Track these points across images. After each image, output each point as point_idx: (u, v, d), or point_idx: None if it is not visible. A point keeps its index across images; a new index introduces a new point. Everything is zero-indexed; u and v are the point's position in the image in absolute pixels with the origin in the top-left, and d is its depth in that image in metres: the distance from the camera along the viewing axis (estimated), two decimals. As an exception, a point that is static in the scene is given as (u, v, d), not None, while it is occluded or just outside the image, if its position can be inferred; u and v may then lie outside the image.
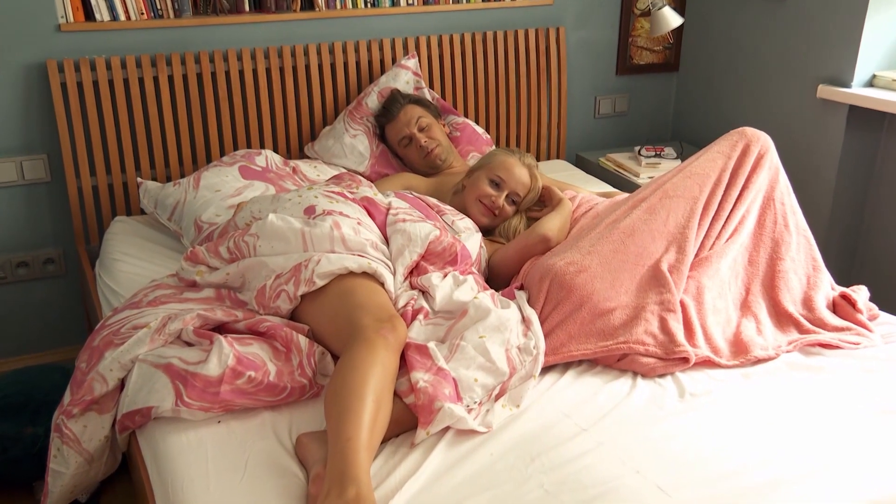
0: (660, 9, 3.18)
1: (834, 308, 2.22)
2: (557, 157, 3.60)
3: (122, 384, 1.86)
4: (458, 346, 1.86)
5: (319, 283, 1.94)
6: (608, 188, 3.17)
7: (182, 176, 2.94)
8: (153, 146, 2.91)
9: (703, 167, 2.27)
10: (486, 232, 2.54)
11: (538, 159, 3.56)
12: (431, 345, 1.85)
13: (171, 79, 2.88)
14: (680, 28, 3.69)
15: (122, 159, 2.89)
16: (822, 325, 2.14)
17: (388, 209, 2.20)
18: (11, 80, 2.73)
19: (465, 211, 2.48)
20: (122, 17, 2.81)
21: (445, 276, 2.08)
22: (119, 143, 2.87)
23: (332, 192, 2.19)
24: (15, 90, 2.74)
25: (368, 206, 2.19)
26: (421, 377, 1.76)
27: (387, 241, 2.14)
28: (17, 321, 2.99)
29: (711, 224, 2.22)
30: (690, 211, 2.20)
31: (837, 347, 2.06)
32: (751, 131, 2.31)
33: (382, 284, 2.00)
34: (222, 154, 2.98)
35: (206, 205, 2.56)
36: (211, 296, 2.08)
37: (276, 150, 3.09)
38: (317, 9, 3.06)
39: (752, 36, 3.39)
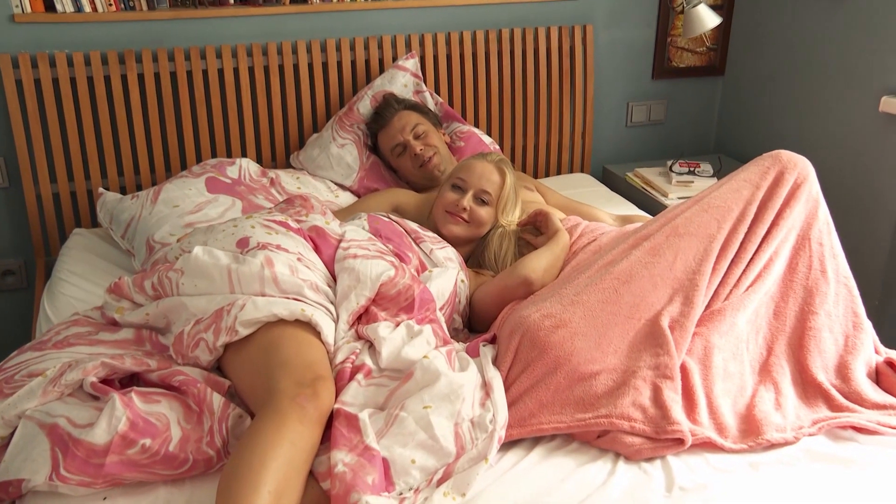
0: (694, 6, 2.78)
1: (877, 378, 1.83)
2: (581, 171, 3.23)
3: (9, 441, 1.59)
4: (397, 418, 1.54)
5: (243, 332, 1.65)
6: (633, 210, 2.80)
7: (154, 186, 2.67)
8: (121, 152, 2.65)
9: (725, 198, 1.90)
10: (474, 263, 2.21)
11: (558, 172, 3.21)
12: (363, 415, 1.53)
13: (141, 77, 2.62)
14: (727, 27, 3.28)
15: (87, 165, 2.64)
16: (859, 400, 1.75)
17: (340, 241, 1.88)
18: (-39, 75, 2.49)
19: (438, 232, 2.16)
20: (88, 8, 2.54)
21: (398, 325, 1.76)
22: (83, 147, 2.61)
23: (274, 220, 1.88)
24: (-35, 86, 2.51)
25: (316, 238, 1.88)
26: (342, 458, 1.45)
27: (336, 279, 1.83)
28: (-26, 337, 2.78)
29: (730, 269, 1.86)
30: (704, 252, 1.84)
31: (875, 433, 1.67)
32: (787, 155, 1.93)
33: (320, 335, 1.69)
34: (199, 162, 2.70)
35: (160, 222, 2.29)
36: (129, 337, 1.80)
37: (259, 159, 2.80)
38: (309, 2, 2.75)
39: (808, 37, 2.97)
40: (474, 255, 2.24)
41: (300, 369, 1.55)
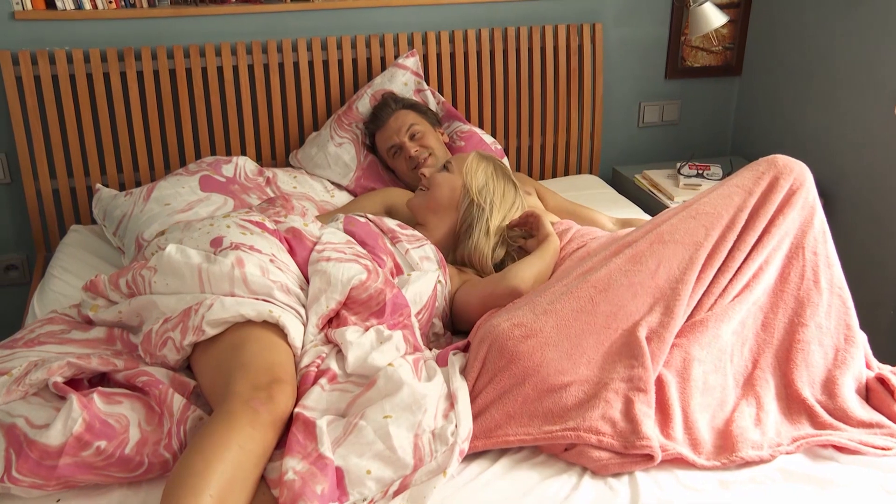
0: (700, 5, 2.70)
1: (867, 394, 1.75)
2: (590, 172, 3.17)
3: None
4: (356, 427, 1.51)
5: (210, 331, 1.63)
6: (638, 213, 2.73)
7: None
8: (120, 149, 2.65)
9: (715, 205, 1.83)
10: (455, 260, 2.17)
11: (566, 173, 3.15)
12: (321, 423, 1.50)
13: (141, 75, 2.62)
14: (744, 27, 3.18)
15: (86, 162, 2.65)
16: (844, 417, 1.67)
17: (315, 243, 1.85)
18: (-38, 71, 2.51)
19: (424, 210, 2.20)
20: (88, 5, 2.55)
21: (367, 329, 1.73)
22: (82, 144, 2.62)
23: (250, 221, 1.86)
24: (-34, 83, 2.53)
25: (291, 240, 1.86)
26: (293, 466, 1.43)
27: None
28: (-24, 331, 2.80)
29: (716, 278, 1.78)
30: (689, 261, 1.77)
31: (856, 452, 1.60)
32: (783, 160, 1.85)
33: (287, 337, 1.67)
34: (197, 159, 2.69)
35: (150, 220, 2.29)
36: (100, 336, 1.80)
37: (258, 157, 2.79)
38: (311, -1, 2.74)
39: (825, 38, 2.87)
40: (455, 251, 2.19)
41: (258, 372, 1.53)
